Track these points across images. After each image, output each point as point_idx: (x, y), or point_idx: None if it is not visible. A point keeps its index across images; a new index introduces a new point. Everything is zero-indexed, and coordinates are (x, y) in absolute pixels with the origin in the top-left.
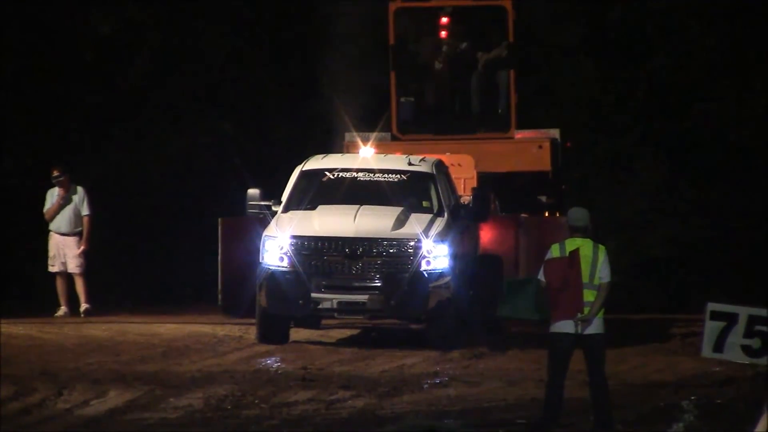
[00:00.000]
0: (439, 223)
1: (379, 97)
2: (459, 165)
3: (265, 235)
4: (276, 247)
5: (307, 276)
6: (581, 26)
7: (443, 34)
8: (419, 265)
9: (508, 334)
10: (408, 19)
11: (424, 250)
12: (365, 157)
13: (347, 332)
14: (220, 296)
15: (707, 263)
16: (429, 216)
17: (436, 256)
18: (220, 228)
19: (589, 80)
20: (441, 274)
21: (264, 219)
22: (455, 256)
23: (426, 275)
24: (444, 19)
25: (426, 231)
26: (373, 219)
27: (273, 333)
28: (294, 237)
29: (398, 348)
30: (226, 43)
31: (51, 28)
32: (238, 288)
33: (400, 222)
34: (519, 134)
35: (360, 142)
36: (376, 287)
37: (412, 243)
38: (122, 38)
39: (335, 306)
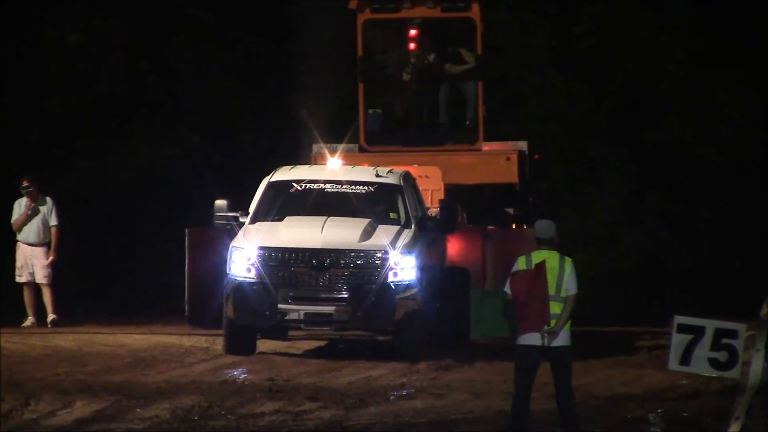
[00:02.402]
0: (406, 235)
1: (347, 109)
2: (426, 177)
3: (233, 246)
4: (243, 258)
5: (274, 287)
6: (549, 38)
7: (411, 45)
8: (386, 277)
9: (475, 346)
10: (376, 30)
11: (391, 262)
12: (333, 168)
13: (314, 343)
14: (186, 307)
15: (674, 276)
16: (396, 228)
17: (403, 267)
18: (187, 239)
19: (556, 93)
20: (408, 286)
21: (231, 230)
22: (422, 268)
23: (393, 287)
24: (412, 31)
25: (393, 243)
26: (341, 230)
27: (240, 344)
28: (261, 248)
29: (365, 359)
30: (194, 55)
31: (18, 38)
32: (204, 299)
33: (367, 233)
34: (486, 146)
35: (327, 154)
36: (343, 299)
37: (379, 254)
38: (90, 49)
39: (302, 317)
